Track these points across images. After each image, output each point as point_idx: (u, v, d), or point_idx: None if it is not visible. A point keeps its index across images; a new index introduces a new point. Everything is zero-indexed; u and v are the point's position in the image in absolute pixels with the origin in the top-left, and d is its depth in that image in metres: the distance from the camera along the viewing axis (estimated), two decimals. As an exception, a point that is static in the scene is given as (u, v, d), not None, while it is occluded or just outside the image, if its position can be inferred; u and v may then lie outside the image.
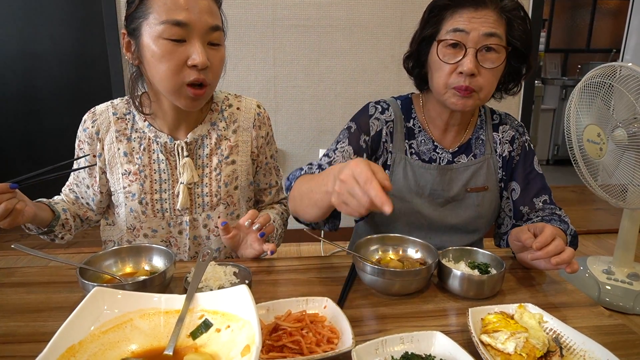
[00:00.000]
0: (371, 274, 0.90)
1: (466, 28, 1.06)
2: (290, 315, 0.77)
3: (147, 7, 0.95)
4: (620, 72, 1.90)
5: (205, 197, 1.14)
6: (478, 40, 1.05)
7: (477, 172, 1.21)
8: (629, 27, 3.76)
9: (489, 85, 1.09)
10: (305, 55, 2.73)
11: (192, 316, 0.72)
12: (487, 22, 1.05)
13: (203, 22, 0.96)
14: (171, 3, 0.93)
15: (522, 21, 1.08)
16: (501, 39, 1.06)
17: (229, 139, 1.16)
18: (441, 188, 1.21)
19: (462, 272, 0.89)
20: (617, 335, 0.78)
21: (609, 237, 3.17)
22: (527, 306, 0.80)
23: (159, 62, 0.96)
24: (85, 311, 0.67)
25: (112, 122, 1.10)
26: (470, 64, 1.05)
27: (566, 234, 1.12)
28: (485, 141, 1.24)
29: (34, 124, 3.17)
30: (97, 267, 0.90)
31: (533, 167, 1.23)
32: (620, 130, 1.93)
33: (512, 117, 1.29)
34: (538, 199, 1.20)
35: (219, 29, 1.00)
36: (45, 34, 3.02)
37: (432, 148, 1.22)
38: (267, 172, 1.27)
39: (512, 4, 1.08)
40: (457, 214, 1.22)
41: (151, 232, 1.13)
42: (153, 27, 0.94)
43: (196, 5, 0.95)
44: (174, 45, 0.94)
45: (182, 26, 0.93)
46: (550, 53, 5.96)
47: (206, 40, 0.98)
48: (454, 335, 0.74)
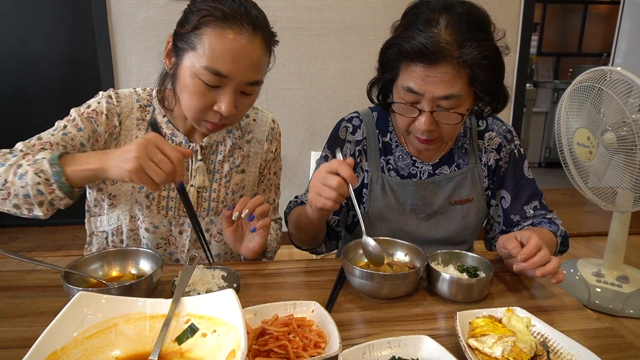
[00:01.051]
0: (360, 278, 0.89)
1: (419, 90, 0.96)
2: (278, 319, 0.76)
3: (197, 39, 0.90)
4: (610, 76, 1.91)
5: (211, 202, 1.14)
6: (432, 102, 0.97)
7: (460, 183, 1.17)
8: (619, 31, 3.80)
9: (450, 133, 1.04)
10: (297, 57, 2.73)
11: (178, 321, 0.71)
12: (443, 81, 0.94)
13: (243, 77, 0.92)
14: (220, 51, 0.89)
15: (487, 70, 0.95)
16: (459, 97, 0.96)
17: (242, 148, 1.16)
18: (422, 203, 1.17)
19: (450, 276, 0.89)
20: (604, 339, 0.78)
21: (599, 240, 3.19)
22: (515, 310, 0.80)
23: (189, 95, 0.94)
24: (68, 316, 0.66)
25: (135, 108, 1.08)
26: (424, 126, 0.99)
27: (556, 236, 1.12)
28: (469, 150, 1.18)
29: (23, 125, 3.14)
30: (82, 271, 0.89)
31: (523, 174, 1.20)
32: (610, 133, 1.95)
33: (500, 122, 1.22)
34: (529, 205, 1.18)
35: (258, 84, 0.97)
36: (36, 34, 3.00)
37: (410, 163, 1.18)
38: (267, 189, 1.26)
39: (474, 54, 0.92)
40: (442, 227, 1.18)
41: (152, 227, 1.11)
42: (194, 63, 0.91)
43: (244, 59, 0.91)
44: (207, 89, 0.92)
45: (221, 77, 0.90)
46: (542, 56, 6.01)
47: (240, 90, 0.95)
48: (442, 339, 0.74)
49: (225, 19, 0.89)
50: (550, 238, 1.11)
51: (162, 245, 1.14)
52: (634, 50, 3.68)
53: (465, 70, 0.94)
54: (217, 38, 0.89)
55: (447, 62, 0.92)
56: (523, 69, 2.90)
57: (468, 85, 0.97)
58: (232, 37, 0.89)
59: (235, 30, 0.89)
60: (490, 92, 1.00)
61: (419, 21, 0.95)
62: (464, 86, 0.96)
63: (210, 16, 0.89)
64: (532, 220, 1.18)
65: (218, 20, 0.89)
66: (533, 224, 1.17)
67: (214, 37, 0.89)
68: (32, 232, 3.12)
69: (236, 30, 0.89)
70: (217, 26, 0.89)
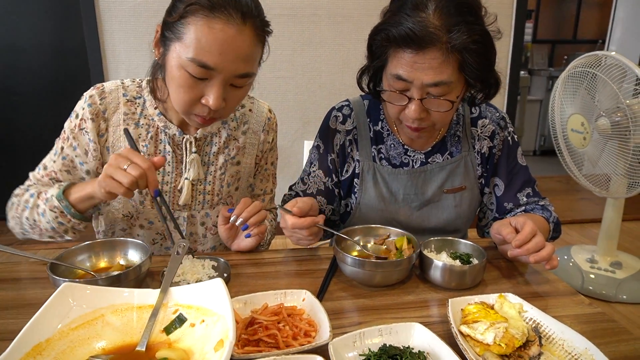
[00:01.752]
0: (352, 266, 0.88)
1: (408, 77, 0.94)
2: (267, 308, 0.75)
3: (183, 29, 0.86)
4: (605, 61, 1.90)
5: (206, 195, 1.12)
6: (422, 89, 0.95)
7: (453, 171, 1.16)
8: (614, 19, 3.79)
9: (441, 120, 1.02)
10: (289, 45, 2.69)
11: (166, 311, 0.70)
12: (431, 67, 0.92)
13: (232, 69, 0.88)
14: (206, 42, 0.84)
15: (477, 55, 0.92)
16: (449, 84, 0.94)
17: (238, 139, 1.14)
18: (414, 192, 1.16)
19: (443, 263, 0.88)
20: (596, 324, 0.78)
21: (593, 227, 3.20)
22: (508, 296, 0.79)
23: (176, 88, 0.90)
24: (52, 308, 0.65)
25: (121, 103, 1.04)
26: (414, 114, 0.97)
27: (548, 222, 1.12)
28: (462, 138, 1.17)
29: (12, 115, 3.10)
30: (70, 262, 0.88)
31: (517, 161, 1.19)
32: (604, 119, 1.94)
33: (494, 109, 1.20)
34: (522, 193, 1.17)
35: (248, 76, 0.92)
36: (22, 25, 2.94)
37: (402, 152, 1.17)
38: (265, 179, 1.24)
39: (463, 38, 0.90)
40: (435, 216, 1.18)
41: (147, 223, 1.10)
42: (180, 54, 0.86)
43: (232, 50, 0.86)
44: (194, 81, 0.88)
45: (207, 69, 0.86)
46: (537, 44, 5.99)
47: (229, 82, 0.91)
48: (435, 327, 0.74)
49: (213, 8, 0.84)
50: (542, 224, 1.11)
51: (158, 241, 1.13)
52: (629, 37, 3.67)
53: (455, 55, 0.91)
54: (204, 28, 0.84)
55: (435, 47, 0.90)
56: (517, 56, 2.88)
57: (458, 71, 0.94)
58: (219, 27, 0.84)
59: (222, 20, 0.84)
60: (481, 78, 0.97)
61: (407, 6, 0.93)
62: (454, 72, 0.93)
63: (197, 4, 0.84)
64: (524, 207, 1.17)
65: (205, 9, 0.84)
66: (526, 211, 1.16)
67: (201, 27, 0.84)
68: (25, 225, 3.10)
69: (224, 19, 0.84)
70: (204, 15, 0.84)
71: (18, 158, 3.14)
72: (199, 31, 0.84)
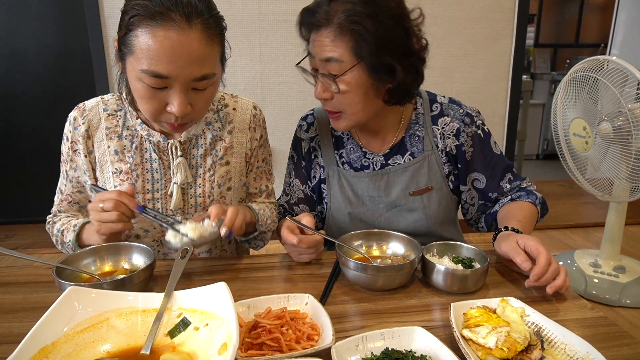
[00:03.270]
0: (354, 270, 0.89)
1: (312, 52, 1.02)
2: (270, 312, 0.76)
3: (131, 42, 0.84)
4: (606, 65, 1.90)
5: (198, 198, 1.11)
6: (321, 66, 1.01)
7: (417, 172, 1.15)
8: (616, 22, 3.79)
9: (350, 106, 1.03)
10: (292, 50, 2.70)
11: (170, 314, 0.71)
12: (323, 44, 0.98)
13: (187, 73, 0.86)
14: (154, 52, 0.82)
15: (361, 36, 0.95)
16: (340, 61, 0.98)
17: (224, 139, 1.13)
18: (378, 194, 1.17)
19: (445, 267, 0.89)
20: (598, 328, 0.78)
21: (597, 231, 3.19)
22: (510, 300, 0.79)
23: (139, 99, 0.91)
24: (58, 311, 0.66)
25: (102, 118, 1.06)
26: (317, 92, 1.05)
27: (536, 205, 1.15)
28: (423, 137, 1.16)
29: (15, 120, 3.12)
30: (75, 266, 0.88)
31: (492, 152, 1.18)
32: (606, 123, 1.93)
33: (457, 105, 1.17)
34: (504, 180, 1.18)
35: (207, 78, 0.90)
36: (27, 30, 2.96)
37: (361, 155, 1.18)
38: (258, 177, 1.22)
39: (346, 17, 0.95)
40: (403, 218, 1.17)
41: (143, 232, 1.10)
42: (135, 67, 0.85)
43: (183, 56, 0.84)
44: (153, 91, 0.87)
45: (162, 78, 0.85)
46: (539, 48, 5.99)
47: (190, 87, 0.89)
48: (437, 331, 0.74)
49: (153, 16, 0.82)
50: (531, 210, 1.14)
51: (155, 248, 1.13)
52: (631, 40, 3.67)
53: (347, 36, 0.96)
54: (149, 38, 0.82)
55: (327, 27, 0.97)
56: (519, 60, 2.88)
57: (350, 52, 0.97)
58: (162, 34, 0.82)
59: (165, 26, 0.82)
60: (371, 65, 0.98)
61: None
62: (345, 52, 0.97)
63: (137, 15, 0.83)
64: (510, 196, 1.18)
65: (146, 18, 0.82)
66: (512, 199, 1.17)
67: (145, 38, 0.82)
68: (29, 229, 3.11)
69: (166, 25, 0.82)
70: (146, 25, 0.82)
71: (22, 162, 3.16)
72: (145, 42, 0.83)
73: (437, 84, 2.86)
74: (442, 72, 2.85)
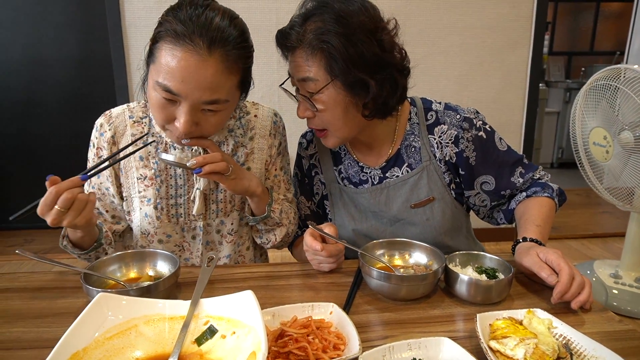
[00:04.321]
0: (377, 279, 0.89)
1: (291, 73, 1.03)
2: (296, 321, 0.76)
3: (155, 53, 0.90)
4: (625, 74, 1.89)
5: (219, 204, 1.13)
6: (300, 86, 1.02)
7: (416, 184, 1.13)
8: (634, 29, 3.74)
9: (331, 123, 1.03)
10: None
11: (197, 322, 0.71)
12: (298, 65, 0.99)
13: (197, 96, 0.89)
14: (170, 69, 0.86)
15: (331, 54, 0.94)
16: (316, 80, 0.98)
17: (246, 145, 1.15)
18: (379, 209, 1.15)
19: (469, 277, 0.88)
20: (628, 341, 0.77)
21: (616, 241, 3.14)
22: (536, 311, 0.79)
23: (151, 106, 0.95)
24: (89, 317, 0.67)
25: (128, 125, 1.08)
26: (299, 112, 1.06)
27: (553, 198, 1.13)
28: (420, 148, 1.13)
29: (37, 127, 3.18)
30: (101, 272, 0.90)
31: (497, 150, 1.13)
32: (627, 132, 1.92)
33: (454, 111, 1.12)
34: (514, 175, 1.14)
35: (218, 102, 0.92)
36: (49, 39, 3.03)
37: (358, 170, 1.18)
38: (275, 185, 1.21)
39: (315, 36, 0.94)
40: (408, 231, 1.15)
41: (165, 237, 1.12)
42: (153, 77, 0.91)
43: (195, 79, 0.87)
44: (164, 103, 0.91)
45: (172, 94, 0.89)
46: (553, 56, 5.95)
47: (199, 108, 0.92)
48: (462, 342, 0.73)
49: (177, 37, 0.86)
50: (549, 206, 1.12)
51: (176, 253, 1.14)
52: (649, 48, 3.62)
53: (318, 55, 0.96)
54: (168, 55, 0.87)
55: (299, 48, 0.97)
56: (536, 69, 2.86)
57: (324, 71, 0.97)
58: (180, 55, 0.86)
59: (185, 49, 0.86)
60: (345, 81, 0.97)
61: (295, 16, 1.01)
62: (319, 71, 0.97)
63: (165, 31, 0.88)
64: (526, 193, 1.15)
65: (171, 36, 0.87)
66: (528, 196, 1.15)
67: (166, 53, 0.87)
68: (47, 234, 3.16)
69: (187, 48, 0.86)
70: (169, 42, 0.87)
71: (41, 168, 3.21)
72: (165, 57, 0.87)
73: (453, 93, 2.85)
74: (458, 80, 2.84)
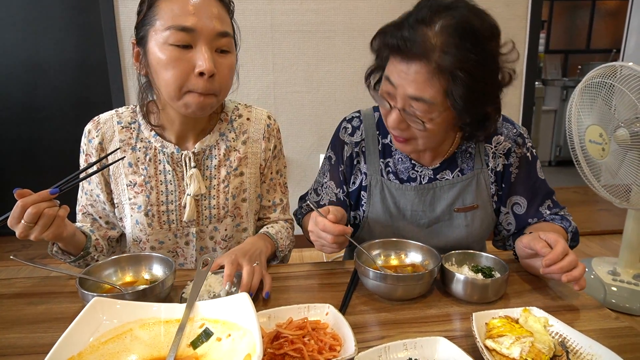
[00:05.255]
0: (373, 279, 0.89)
1: (394, 82, 0.94)
2: (292, 322, 0.76)
3: (154, 13, 0.93)
4: (621, 71, 1.89)
5: (212, 209, 1.12)
6: (404, 100, 0.94)
7: (465, 189, 1.12)
8: (629, 27, 3.76)
9: (428, 139, 1.00)
10: (304, 60, 2.73)
11: (192, 325, 0.71)
12: (416, 81, 0.90)
13: (211, 27, 0.92)
14: (178, 8, 0.91)
15: (463, 84, 0.88)
16: (430, 104, 0.91)
17: (238, 150, 1.13)
18: (422, 209, 1.13)
19: (465, 276, 0.88)
20: (624, 338, 0.77)
21: (614, 238, 3.15)
22: (532, 310, 0.79)
23: (165, 68, 0.93)
24: (84, 322, 0.66)
25: (116, 131, 1.07)
26: (392, 122, 0.98)
27: (567, 232, 1.11)
28: (474, 155, 1.13)
29: (35, 131, 3.17)
30: (97, 276, 0.90)
31: (537, 176, 1.15)
32: (623, 130, 1.92)
33: (511, 124, 1.14)
34: (544, 206, 1.15)
35: (228, 35, 0.96)
36: (46, 43, 3.03)
37: (409, 166, 1.14)
38: (271, 189, 1.22)
39: (450, 62, 0.87)
40: (444, 234, 1.14)
41: (158, 243, 1.11)
42: (159, 33, 0.92)
43: (205, 11, 0.92)
44: (180, 52, 0.91)
45: (188, 32, 0.91)
46: (550, 54, 5.96)
47: (214, 47, 0.94)
48: (458, 341, 0.74)
49: None
50: (561, 232, 1.10)
51: None
52: (644, 45, 3.63)
53: (444, 78, 0.89)
54: (172, 0, 0.92)
55: (422, 62, 0.89)
56: (532, 67, 2.87)
57: (443, 95, 0.91)
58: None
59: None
60: (466, 110, 0.93)
61: (413, 17, 0.92)
62: (438, 94, 0.91)
63: None
64: (544, 218, 1.15)
65: None
66: (545, 220, 1.15)
67: (169, 1, 0.92)
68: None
69: None
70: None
71: (40, 174, 3.20)
72: (169, 4, 0.92)
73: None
74: (453, 80, 2.84)
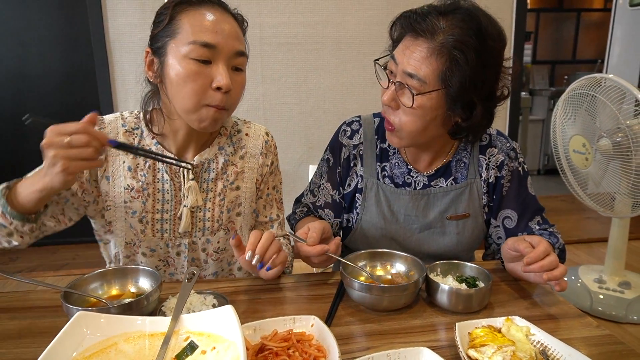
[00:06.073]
0: (359, 291, 0.89)
1: (398, 59, 0.98)
2: (277, 334, 0.76)
3: (176, 26, 0.96)
4: (604, 83, 1.93)
5: (206, 222, 1.12)
6: (402, 77, 0.98)
7: (457, 198, 1.15)
8: (612, 38, 3.84)
9: (406, 125, 1.01)
10: (293, 72, 2.75)
11: (177, 338, 0.71)
12: (414, 58, 0.95)
13: (230, 46, 0.97)
14: (200, 25, 0.95)
15: (458, 65, 0.93)
16: (422, 82, 0.95)
17: (236, 164, 1.15)
18: (415, 214, 1.16)
19: (449, 287, 0.89)
20: (605, 346, 0.78)
21: (600, 246, 3.18)
22: (514, 319, 0.80)
23: (184, 81, 0.95)
24: (67, 336, 0.66)
25: (120, 133, 1.08)
26: (386, 98, 1.01)
27: (554, 248, 1.11)
28: (468, 164, 1.16)
29: (24, 144, 3.15)
30: (82, 290, 0.89)
31: (528, 192, 1.17)
32: (605, 140, 1.96)
33: (505, 139, 1.18)
34: (533, 221, 1.16)
35: (244, 55, 1.02)
36: (34, 54, 3.03)
37: (405, 171, 1.17)
38: (268, 204, 1.23)
39: (452, 40, 0.93)
40: (435, 241, 1.17)
41: (149, 251, 1.11)
42: (180, 47, 0.95)
43: (224, 30, 0.97)
44: (199, 66, 0.95)
45: (209, 48, 0.94)
46: (537, 64, 6.06)
47: (231, 64, 0.99)
48: (442, 351, 0.74)
49: (195, 3, 0.97)
50: None
51: (161, 267, 1.14)
52: (627, 56, 3.72)
53: (442, 58, 0.94)
54: (195, 16, 0.96)
55: (427, 40, 0.94)
56: (517, 78, 2.92)
57: (437, 77, 0.95)
58: (207, 12, 0.97)
59: (208, 7, 0.98)
60: (459, 95, 0.96)
61: (432, 6, 0.99)
62: (431, 75, 0.95)
63: (182, 4, 0.97)
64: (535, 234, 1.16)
65: (190, 5, 0.97)
66: (534, 234, 1.15)
67: (193, 16, 0.96)
68: (33, 251, 3.11)
69: (208, 6, 0.98)
70: (191, 9, 0.97)
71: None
72: (192, 19, 0.96)
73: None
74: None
